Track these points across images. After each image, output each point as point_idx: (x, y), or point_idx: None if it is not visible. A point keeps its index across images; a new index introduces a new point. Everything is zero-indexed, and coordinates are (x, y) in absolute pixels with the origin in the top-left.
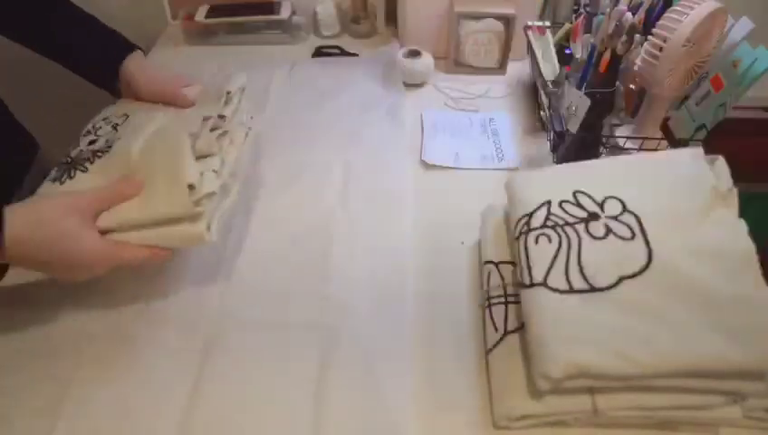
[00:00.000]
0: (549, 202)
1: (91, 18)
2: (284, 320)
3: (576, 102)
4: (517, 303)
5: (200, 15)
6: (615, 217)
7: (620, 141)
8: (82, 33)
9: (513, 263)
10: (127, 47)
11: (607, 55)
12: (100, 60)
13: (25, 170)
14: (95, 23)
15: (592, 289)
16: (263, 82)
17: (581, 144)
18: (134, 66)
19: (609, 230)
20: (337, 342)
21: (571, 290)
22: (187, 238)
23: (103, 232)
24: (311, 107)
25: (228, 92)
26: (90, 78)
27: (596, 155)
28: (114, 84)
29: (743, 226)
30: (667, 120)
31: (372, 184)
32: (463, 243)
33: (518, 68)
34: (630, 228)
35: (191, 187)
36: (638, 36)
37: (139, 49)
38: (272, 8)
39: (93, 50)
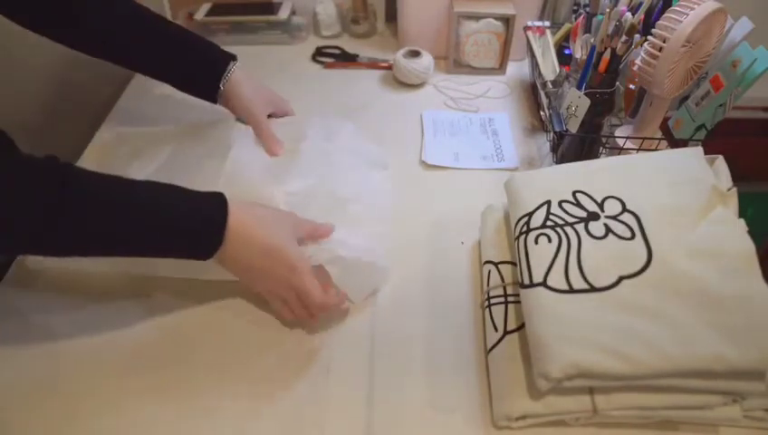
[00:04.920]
0: (549, 202)
1: (185, 32)
2: None
3: (576, 102)
4: (517, 303)
5: (200, 15)
6: (615, 217)
7: (620, 141)
8: (182, 50)
9: (513, 263)
10: (224, 60)
11: (607, 55)
12: (202, 77)
13: None
14: (191, 36)
15: (592, 289)
16: None
17: (581, 144)
18: (236, 85)
19: (608, 230)
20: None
21: (571, 290)
22: None
23: None
24: None
25: None
26: (191, 92)
27: (596, 155)
28: (215, 98)
29: (742, 225)
30: (666, 120)
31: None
32: (463, 243)
33: (518, 68)
34: (630, 228)
35: None
36: (637, 36)
37: (233, 59)
38: (271, 8)
39: (194, 67)
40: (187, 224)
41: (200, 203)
